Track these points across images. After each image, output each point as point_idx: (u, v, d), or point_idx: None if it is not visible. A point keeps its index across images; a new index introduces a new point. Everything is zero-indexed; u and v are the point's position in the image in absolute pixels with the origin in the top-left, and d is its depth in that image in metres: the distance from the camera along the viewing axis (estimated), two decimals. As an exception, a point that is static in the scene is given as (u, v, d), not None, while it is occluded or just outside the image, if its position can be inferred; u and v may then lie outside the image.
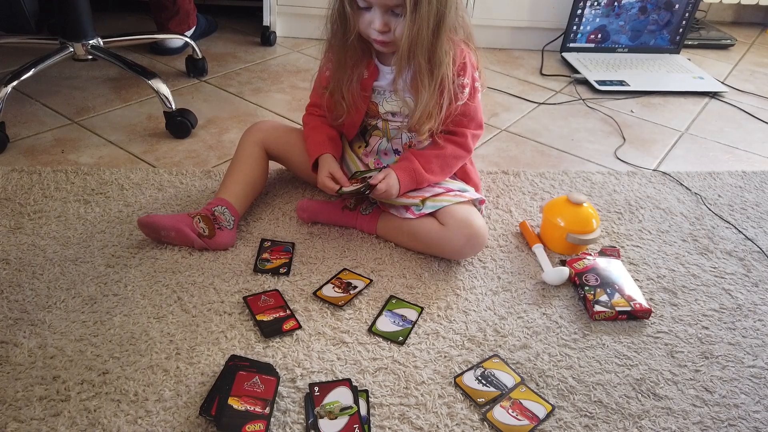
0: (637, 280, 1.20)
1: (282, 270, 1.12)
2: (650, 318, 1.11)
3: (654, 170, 1.61)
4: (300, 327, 1.01)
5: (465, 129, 1.19)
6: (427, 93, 1.09)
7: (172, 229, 1.12)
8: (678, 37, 2.33)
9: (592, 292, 1.12)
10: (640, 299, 1.12)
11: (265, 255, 1.15)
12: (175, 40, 1.96)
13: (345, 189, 1.14)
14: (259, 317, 1.01)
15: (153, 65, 1.92)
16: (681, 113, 1.97)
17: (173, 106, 1.51)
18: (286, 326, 1.00)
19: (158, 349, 0.95)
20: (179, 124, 1.52)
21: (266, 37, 2.14)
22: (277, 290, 1.07)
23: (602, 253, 1.24)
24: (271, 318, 1.01)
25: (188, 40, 1.85)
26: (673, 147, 1.76)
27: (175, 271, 1.10)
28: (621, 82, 2.09)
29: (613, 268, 1.18)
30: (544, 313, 1.10)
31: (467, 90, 1.15)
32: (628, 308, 1.10)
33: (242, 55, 2.06)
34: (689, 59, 2.34)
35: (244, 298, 1.05)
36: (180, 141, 1.53)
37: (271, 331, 0.99)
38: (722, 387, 0.99)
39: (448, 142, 1.18)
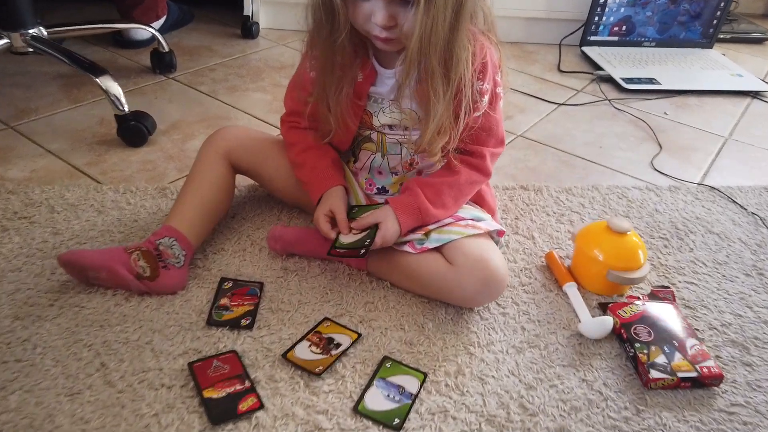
0: (697, 330, 0.95)
1: (244, 321, 0.87)
2: (720, 385, 0.86)
3: (699, 184, 1.36)
4: (261, 406, 0.75)
5: (483, 147, 0.93)
6: (441, 103, 0.84)
7: (102, 269, 0.87)
8: (711, 30, 2.07)
9: (645, 351, 0.86)
10: (708, 361, 0.86)
11: (224, 301, 0.90)
12: (141, 32, 1.71)
13: (343, 241, 0.90)
14: (206, 393, 0.76)
15: (114, 60, 1.66)
16: (721, 115, 1.71)
17: (126, 109, 1.26)
18: (243, 405, 0.75)
19: (65, 442, 0.70)
20: (133, 130, 1.27)
21: (248, 29, 1.88)
22: (234, 352, 0.82)
23: (653, 295, 0.98)
24: (224, 394, 0.76)
25: (153, 30, 1.59)
26: (717, 156, 1.50)
27: (104, 324, 0.84)
28: (651, 80, 1.83)
29: (668, 317, 0.92)
30: (583, 380, 0.85)
31: (487, 97, 0.90)
32: (694, 374, 0.84)
33: (219, 49, 1.80)
34: (724, 54, 2.08)
35: (190, 364, 0.79)
36: (134, 150, 1.27)
37: (221, 413, 0.74)
38: (828, 488, 0.74)
39: (464, 165, 0.93)
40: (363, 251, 0.87)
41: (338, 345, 0.85)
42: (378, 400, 0.78)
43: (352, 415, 0.76)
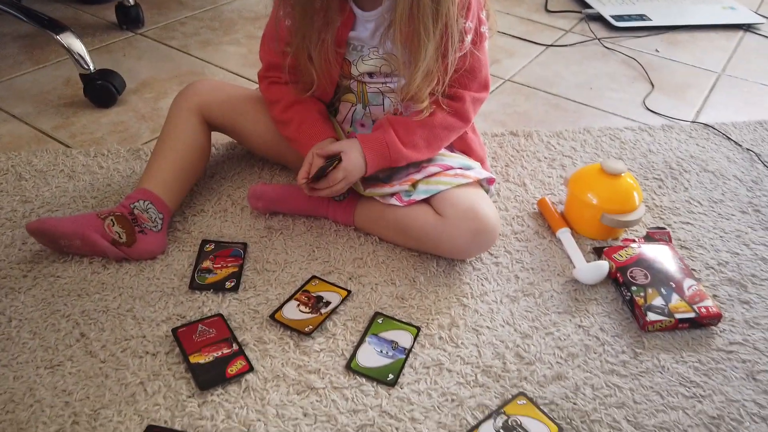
0: (694, 270, 0.93)
1: (228, 284, 0.83)
2: (719, 324, 0.84)
3: (693, 122, 1.32)
4: (251, 369, 0.73)
5: (464, 91, 0.88)
6: (431, 41, 0.78)
7: (75, 237, 0.82)
8: (702, -39, 1.99)
9: (642, 294, 0.84)
10: (706, 300, 0.84)
11: (206, 263, 0.86)
12: (104, -15, 1.61)
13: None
14: (193, 358, 0.73)
15: (77, 17, 1.57)
16: (713, 51, 1.66)
17: (91, 68, 1.19)
18: (232, 369, 0.72)
19: (47, 416, 0.67)
20: (100, 89, 1.20)
21: (218, -22, 1.78)
22: (220, 315, 0.79)
23: (649, 237, 0.96)
24: (211, 358, 0.73)
25: (116, -18, 1.50)
26: (711, 92, 1.46)
27: (81, 293, 0.81)
28: (641, 17, 1.76)
29: (665, 259, 0.90)
30: (579, 326, 0.83)
31: (470, 36, 0.84)
32: (692, 314, 0.82)
33: (188, 1, 1.71)
34: (715, -13, 2.01)
35: (173, 330, 0.76)
36: (103, 111, 1.21)
37: (209, 378, 0.71)
38: (827, 421, 0.73)
39: (439, 107, 0.87)
40: (324, 172, 0.83)
41: (327, 303, 0.82)
42: (371, 356, 0.76)
43: (345, 373, 0.74)
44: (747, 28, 1.80)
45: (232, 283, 0.84)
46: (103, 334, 0.76)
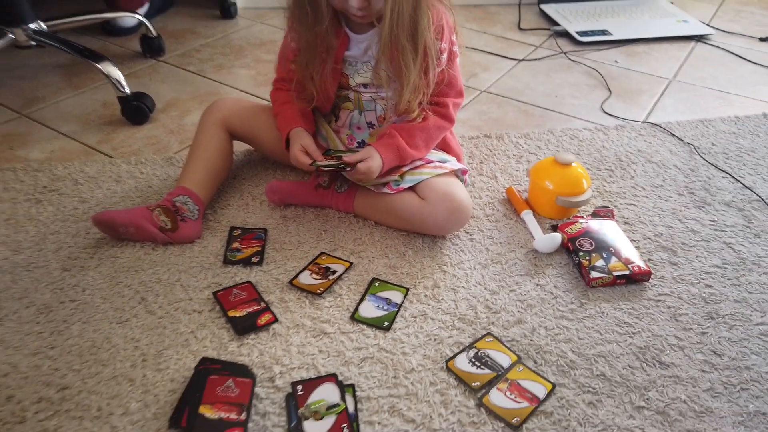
0: (634, 241, 1.13)
1: (254, 259, 1.04)
2: (650, 280, 1.05)
3: (643, 122, 1.53)
4: (276, 320, 0.93)
5: (446, 98, 1.09)
6: (412, 71, 0.99)
7: (130, 225, 1.03)
8: (659, -19, 2.22)
9: (587, 258, 1.05)
10: (639, 261, 1.05)
11: (235, 245, 1.07)
12: (128, 19, 1.83)
13: (319, 163, 1.05)
14: (231, 313, 0.93)
15: (106, 48, 1.79)
16: (667, 60, 1.88)
17: (127, 91, 1.40)
18: (261, 320, 0.92)
19: (122, 357, 0.87)
20: (135, 110, 1.41)
21: (226, 10, 2.01)
22: (249, 282, 0.99)
23: (595, 214, 1.17)
24: (245, 313, 0.93)
25: (140, 17, 1.72)
26: (661, 96, 1.67)
27: (138, 269, 1.01)
28: (603, 32, 1.99)
29: (607, 231, 1.11)
30: (537, 284, 1.03)
31: (445, 55, 1.05)
32: (627, 272, 1.03)
33: (201, 31, 1.94)
34: (672, 2, 2.24)
35: (214, 293, 0.97)
36: (138, 127, 1.42)
37: (244, 327, 0.91)
38: (731, 349, 0.93)
39: (430, 113, 1.09)
40: (341, 165, 1.03)
41: (334, 272, 1.02)
42: (370, 309, 0.96)
43: (350, 322, 0.94)
44: (699, 39, 2.02)
45: (257, 259, 1.04)
46: (159, 298, 0.96)
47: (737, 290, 1.04)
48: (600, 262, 1.04)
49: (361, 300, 0.98)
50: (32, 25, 1.45)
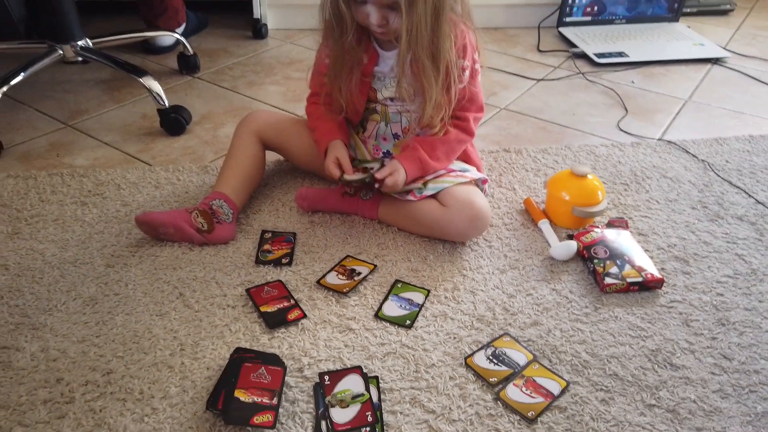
0: (648, 251, 1.17)
1: (284, 260, 1.10)
2: (663, 288, 1.09)
3: (659, 140, 1.58)
4: (305, 316, 0.99)
5: (467, 113, 1.16)
6: (434, 88, 1.06)
7: (170, 226, 1.10)
8: (676, 5, 2.28)
9: (602, 265, 1.09)
10: (652, 269, 1.09)
11: (267, 246, 1.13)
12: (166, 38, 1.94)
13: (347, 177, 1.11)
14: (263, 308, 0.99)
15: (145, 64, 1.89)
16: (683, 81, 1.93)
17: (166, 104, 1.49)
18: (291, 316, 0.98)
19: (162, 346, 0.93)
20: (173, 122, 1.50)
21: (258, 30, 2.11)
22: (280, 281, 1.05)
23: (610, 225, 1.21)
24: (276, 308, 0.99)
25: (178, 36, 1.82)
26: (677, 116, 1.72)
27: (176, 267, 1.08)
28: (620, 54, 2.05)
29: (622, 240, 1.15)
30: (553, 289, 1.08)
31: (467, 72, 1.12)
32: (640, 279, 1.07)
33: (234, 50, 2.04)
34: (689, 26, 2.29)
35: (247, 290, 1.03)
36: (175, 138, 1.51)
37: (275, 321, 0.97)
38: (741, 353, 0.97)
39: (452, 127, 1.15)
40: (368, 179, 1.09)
41: (359, 273, 1.08)
42: (393, 309, 1.02)
43: (374, 320, 1.00)
44: (715, 61, 2.07)
45: (287, 260, 1.10)
46: (196, 294, 1.03)
47: (748, 299, 1.07)
48: (614, 269, 1.08)
49: (385, 300, 1.03)
50: (80, 42, 1.55)
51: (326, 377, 0.88)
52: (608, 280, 1.07)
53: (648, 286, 1.07)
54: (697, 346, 0.98)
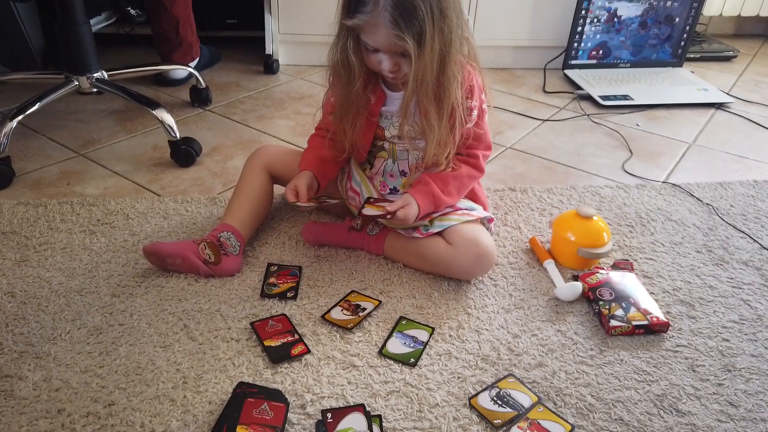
0: (653, 294, 1.17)
1: (289, 294, 1.10)
2: (668, 332, 1.08)
3: (663, 182, 1.59)
4: (309, 351, 0.99)
5: (476, 151, 1.18)
6: (438, 128, 1.07)
7: (177, 257, 1.11)
8: (680, 51, 2.32)
9: (607, 307, 1.09)
10: (657, 313, 1.09)
11: (272, 279, 1.14)
12: (179, 71, 1.98)
13: (366, 212, 1.12)
14: (266, 342, 0.99)
15: (157, 96, 1.93)
16: (687, 125, 1.95)
17: (178, 135, 1.52)
18: (295, 351, 0.98)
19: (165, 378, 0.93)
20: (184, 153, 1.52)
21: (269, 66, 2.16)
22: (284, 315, 1.05)
23: (615, 266, 1.21)
24: (279, 343, 0.99)
25: (192, 70, 1.86)
26: (681, 159, 1.74)
27: (181, 298, 1.08)
28: (625, 97, 2.08)
29: (627, 282, 1.15)
30: (558, 330, 1.07)
31: (475, 113, 1.14)
32: (645, 322, 1.07)
33: (246, 84, 2.08)
34: (692, 72, 2.33)
35: (251, 323, 1.03)
36: (185, 169, 1.53)
37: (279, 356, 0.97)
38: (747, 401, 0.96)
39: (462, 163, 1.17)
40: (384, 215, 1.10)
41: (364, 309, 1.08)
42: (397, 346, 1.01)
43: (377, 357, 0.99)
44: (719, 106, 2.10)
45: (292, 294, 1.10)
46: (200, 326, 1.03)
47: (754, 345, 1.07)
48: (619, 312, 1.08)
49: (389, 336, 1.03)
50: (96, 74, 1.58)
51: (329, 414, 0.88)
52: (614, 323, 1.06)
53: (653, 329, 1.07)
54: (704, 392, 0.97)
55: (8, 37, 1.85)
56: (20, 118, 1.45)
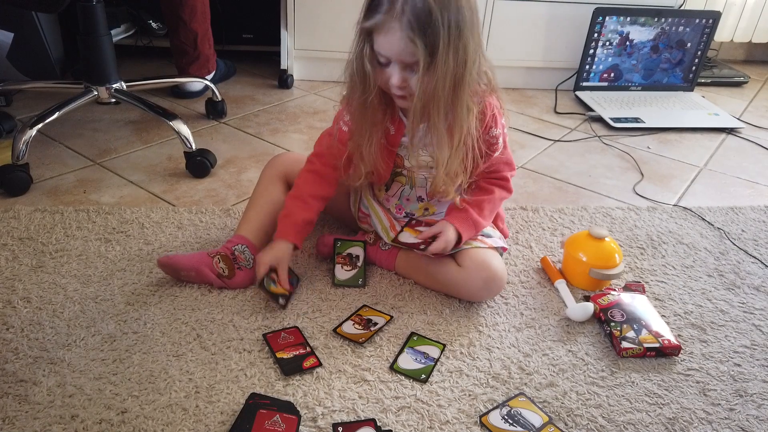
0: (664, 316, 1.17)
1: (281, 301, 1.10)
2: (680, 355, 1.08)
3: (674, 205, 1.60)
4: (320, 364, 0.99)
5: (503, 173, 1.19)
6: (444, 153, 1.05)
7: (192, 270, 1.12)
8: (691, 75, 2.34)
9: (619, 329, 1.09)
10: (669, 335, 1.09)
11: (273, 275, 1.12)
12: (195, 84, 2.01)
13: (339, 277, 1.17)
14: (279, 354, 0.99)
15: (173, 108, 1.95)
16: (698, 149, 1.96)
17: (193, 147, 1.54)
18: (307, 364, 0.99)
19: (177, 387, 0.93)
20: (199, 164, 1.54)
21: (284, 80, 2.19)
22: (296, 327, 1.06)
23: (627, 288, 1.21)
24: (291, 355, 1.00)
25: (208, 83, 1.89)
26: (692, 182, 1.74)
27: (195, 308, 1.09)
28: (636, 119, 2.09)
29: (638, 304, 1.15)
30: (569, 350, 1.07)
31: (501, 140, 1.14)
32: (657, 345, 1.06)
33: (260, 98, 2.10)
34: (703, 96, 2.34)
35: (264, 335, 1.04)
36: (199, 180, 1.54)
37: (291, 368, 0.97)
38: (759, 426, 0.95)
39: (494, 186, 1.18)
40: (422, 246, 1.11)
41: (375, 324, 1.08)
42: (408, 361, 1.01)
43: (389, 372, 0.99)
44: (730, 131, 2.11)
45: (283, 302, 1.11)
46: (213, 336, 1.03)
47: (765, 371, 1.06)
48: (631, 333, 1.08)
49: (400, 352, 1.03)
50: (115, 85, 1.61)
51: (340, 429, 0.88)
52: (625, 345, 1.06)
53: (665, 352, 1.07)
54: (715, 416, 0.96)
55: (29, 47, 1.88)
56: (39, 126, 1.48)
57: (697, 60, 2.31)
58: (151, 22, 1.82)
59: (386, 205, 1.26)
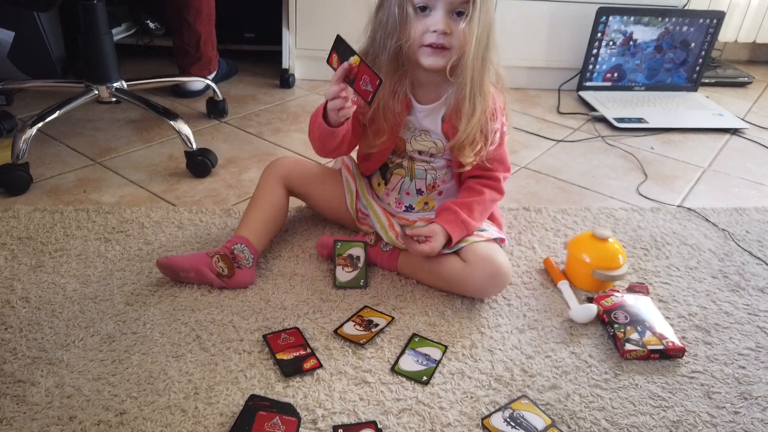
0: (668, 318, 1.16)
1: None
2: (684, 357, 1.07)
3: (678, 206, 1.58)
4: (321, 366, 0.98)
5: (496, 173, 1.18)
6: (474, 116, 1.07)
7: (191, 270, 1.11)
8: (695, 75, 2.33)
9: (622, 330, 1.08)
10: (673, 337, 1.07)
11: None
12: (196, 83, 2.00)
13: (341, 279, 1.17)
14: (279, 356, 0.99)
15: (174, 107, 1.95)
16: (702, 149, 1.95)
17: (194, 146, 1.53)
18: (307, 365, 0.98)
19: (176, 388, 0.92)
20: (200, 164, 1.53)
21: (285, 80, 2.18)
22: (297, 328, 1.05)
23: (630, 289, 1.20)
24: (292, 357, 0.99)
25: (209, 82, 1.88)
26: (696, 183, 1.73)
27: (194, 309, 1.08)
28: (639, 120, 2.08)
29: (642, 305, 1.14)
30: (572, 352, 1.06)
31: (498, 135, 1.14)
32: (661, 347, 1.05)
33: (262, 97, 2.09)
34: (707, 97, 2.33)
35: (264, 336, 1.03)
36: (200, 180, 1.54)
37: (291, 370, 0.96)
38: (764, 430, 0.94)
39: (485, 187, 1.17)
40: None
41: (377, 325, 1.08)
42: (410, 363, 1.00)
43: (390, 374, 0.98)
44: (734, 132, 2.09)
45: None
46: (212, 337, 1.02)
47: (772, 373, 1.05)
48: (635, 335, 1.07)
49: (402, 353, 1.02)
50: (116, 84, 1.60)
51: (340, 431, 0.87)
52: (629, 347, 1.05)
53: (669, 354, 1.06)
54: (719, 419, 0.95)
55: (30, 46, 1.88)
56: (40, 125, 1.47)
57: (701, 60, 2.30)
58: (148, 22, 1.82)
59: (386, 200, 1.25)
